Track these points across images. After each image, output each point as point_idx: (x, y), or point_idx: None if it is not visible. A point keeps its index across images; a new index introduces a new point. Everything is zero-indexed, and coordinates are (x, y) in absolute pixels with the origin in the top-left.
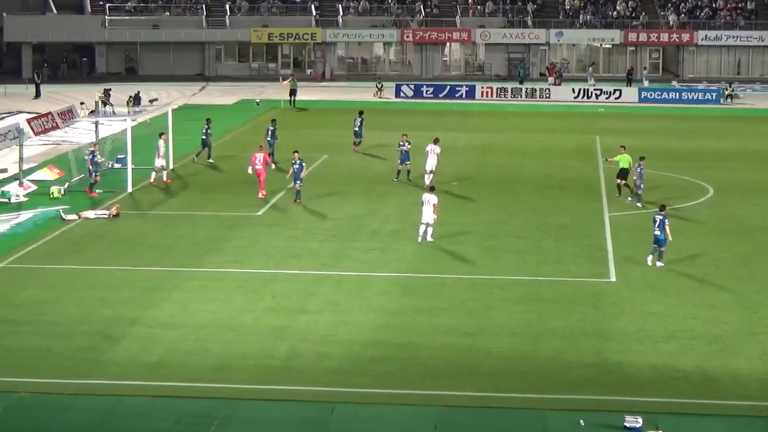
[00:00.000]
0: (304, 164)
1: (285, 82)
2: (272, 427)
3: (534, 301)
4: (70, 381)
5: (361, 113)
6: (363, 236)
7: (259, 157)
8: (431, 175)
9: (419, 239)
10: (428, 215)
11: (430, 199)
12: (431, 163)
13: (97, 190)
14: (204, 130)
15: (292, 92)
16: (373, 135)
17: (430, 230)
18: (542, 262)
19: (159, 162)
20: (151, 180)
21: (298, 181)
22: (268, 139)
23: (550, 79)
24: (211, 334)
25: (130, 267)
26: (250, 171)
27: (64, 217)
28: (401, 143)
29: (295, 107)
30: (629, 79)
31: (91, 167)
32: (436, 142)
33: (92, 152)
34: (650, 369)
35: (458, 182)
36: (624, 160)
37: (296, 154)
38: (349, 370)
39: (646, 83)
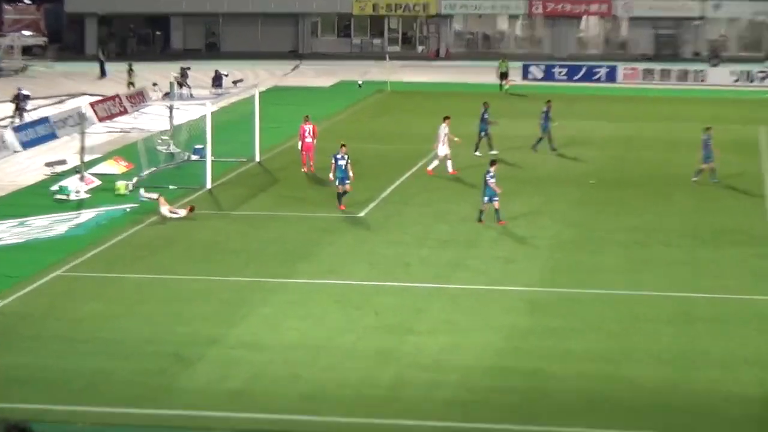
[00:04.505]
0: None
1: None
2: None
3: (686, 321)
4: (135, 410)
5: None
6: (483, 243)
7: (308, 129)
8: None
9: None
10: None
11: None
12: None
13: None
14: (482, 116)
15: (503, 75)
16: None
17: None
18: (697, 275)
19: (442, 150)
20: (429, 169)
21: (495, 199)
22: (542, 122)
23: None
24: (303, 357)
25: (209, 276)
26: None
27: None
28: (705, 136)
29: (506, 92)
30: None
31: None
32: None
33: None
34: None
35: (596, 180)
36: None
37: (493, 166)
38: (466, 402)
39: None
